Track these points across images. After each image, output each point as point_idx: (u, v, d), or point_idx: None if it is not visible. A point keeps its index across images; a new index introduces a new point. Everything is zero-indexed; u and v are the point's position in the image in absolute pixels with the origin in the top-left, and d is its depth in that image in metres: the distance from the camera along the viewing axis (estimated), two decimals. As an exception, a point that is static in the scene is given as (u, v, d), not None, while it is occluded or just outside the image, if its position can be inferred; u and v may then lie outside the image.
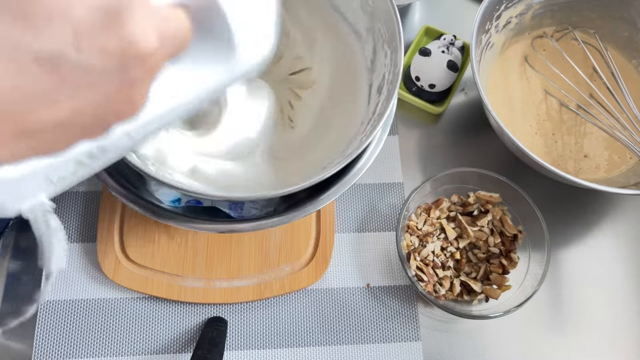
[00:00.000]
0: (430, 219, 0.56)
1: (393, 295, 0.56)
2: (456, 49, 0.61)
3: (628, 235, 0.59)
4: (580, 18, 0.62)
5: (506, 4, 0.58)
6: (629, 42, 0.62)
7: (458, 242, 0.56)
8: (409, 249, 0.54)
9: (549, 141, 0.60)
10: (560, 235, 0.59)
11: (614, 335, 0.56)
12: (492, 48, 0.61)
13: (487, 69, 0.61)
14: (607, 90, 0.59)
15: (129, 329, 0.54)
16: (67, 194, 0.59)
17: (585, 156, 0.59)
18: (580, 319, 0.56)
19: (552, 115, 0.61)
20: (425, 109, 0.63)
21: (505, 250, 0.55)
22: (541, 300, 0.56)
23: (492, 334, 0.55)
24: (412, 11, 0.69)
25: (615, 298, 0.57)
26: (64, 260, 0.27)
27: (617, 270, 0.58)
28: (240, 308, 0.55)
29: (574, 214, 0.60)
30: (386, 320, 0.55)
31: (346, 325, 0.55)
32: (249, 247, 0.56)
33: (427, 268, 0.54)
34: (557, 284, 0.57)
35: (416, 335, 0.54)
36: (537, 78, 0.62)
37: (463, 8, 0.70)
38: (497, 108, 0.60)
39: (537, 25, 0.63)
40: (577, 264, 0.58)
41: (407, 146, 0.62)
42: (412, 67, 0.61)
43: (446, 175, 0.55)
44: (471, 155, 0.62)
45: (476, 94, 0.64)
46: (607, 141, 0.60)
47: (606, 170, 0.58)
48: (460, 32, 0.63)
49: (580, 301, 0.57)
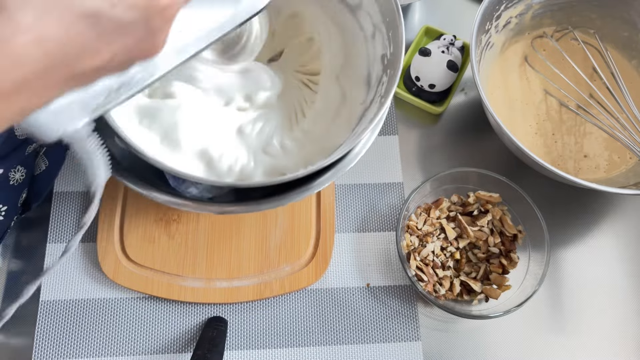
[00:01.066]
0: (430, 218, 0.56)
1: (393, 295, 0.56)
2: (456, 49, 0.61)
3: (628, 235, 0.59)
4: (580, 18, 0.62)
5: (506, 4, 0.58)
6: (628, 42, 0.62)
7: (458, 242, 0.56)
8: (409, 249, 0.54)
9: (548, 141, 0.60)
10: (560, 235, 0.59)
11: (614, 335, 0.56)
12: (492, 48, 0.61)
13: (487, 69, 0.61)
14: (607, 90, 0.59)
15: (129, 329, 0.54)
16: (66, 194, 0.59)
17: (585, 156, 0.59)
18: (580, 318, 0.56)
19: (552, 115, 0.61)
20: (425, 109, 0.63)
21: (505, 250, 0.55)
22: (541, 300, 0.56)
23: (492, 333, 0.55)
24: (412, 11, 0.69)
25: (615, 298, 0.57)
26: (109, 172, 0.34)
27: (617, 270, 0.58)
28: (240, 308, 0.55)
29: (574, 214, 0.60)
30: (386, 320, 0.55)
31: (346, 325, 0.55)
32: (249, 247, 0.56)
33: (427, 268, 0.54)
34: (556, 283, 0.57)
35: (416, 335, 0.54)
36: (537, 78, 0.62)
37: (463, 8, 0.70)
38: (497, 108, 0.60)
39: (537, 25, 0.63)
40: (576, 263, 0.58)
41: (407, 146, 0.62)
42: (412, 67, 0.61)
43: (446, 175, 0.55)
44: (471, 155, 0.62)
45: (476, 94, 0.64)
46: (607, 141, 0.60)
47: (606, 170, 0.58)
48: (460, 32, 0.63)
49: (580, 301, 0.57)
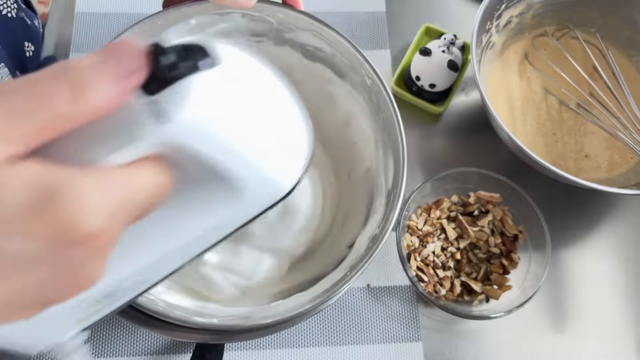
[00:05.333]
0: (431, 219, 0.56)
1: (393, 296, 0.56)
2: (456, 48, 0.61)
3: (628, 236, 0.59)
4: (581, 17, 0.62)
5: (507, 3, 0.58)
6: (629, 41, 0.61)
7: (458, 243, 0.55)
8: (409, 249, 0.54)
9: (549, 141, 0.60)
10: (560, 236, 0.59)
11: (615, 336, 0.55)
12: (493, 48, 0.61)
13: (487, 69, 0.61)
14: (607, 89, 0.59)
15: (129, 329, 0.54)
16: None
17: (586, 156, 0.59)
18: (581, 319, 0.56)
19: (553, 114, 0.61)
20: (425, 108, 0.62)
21: (505, 251, 0.55)
22: (542, 300, 0.56)
23: (492, 334, 0.55)
24: (412, 10, 0.69)
25: (616, 298, 0.57)
26: None
27: (618, 270, 0.58)
28: (240, 308, 0.55)
29: (575, 214, 0.60)
30: (386, 320, 0.55)
31: (346, 326, 0.55)
32: (248, 247, 0.56)
33: (428, 268, 0.54)
34: (557, 284, 0.57)
35: (416, 336, 0.54)
36: (538, 78, 0.62)
37: (463, 7, 0.70)
38: (498, 108, 0.60)
39: (537, 25, 0.63)
40: (577, 264, 0.58)
41: (407, 146, 0.62)
42: (412, 67, 0.61)
43: (446, 175, 0.55)
44: (472, 155, 0.62)
45: (476, 93, 0.64)
46: (607, 141, 0.59)
47: (607, 170, 0.58)
48: (461, 32, 0.63)
49: (581, 301, 0.56)
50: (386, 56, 0.66)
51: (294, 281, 0.49)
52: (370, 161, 0.50)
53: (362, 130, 0.51)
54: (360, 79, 0.48)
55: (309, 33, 0.49)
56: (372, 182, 0.49)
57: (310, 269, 0.49)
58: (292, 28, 0.49)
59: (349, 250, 0.47)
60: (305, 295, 0.43)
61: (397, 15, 0.68)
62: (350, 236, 0.49)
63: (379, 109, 0.48)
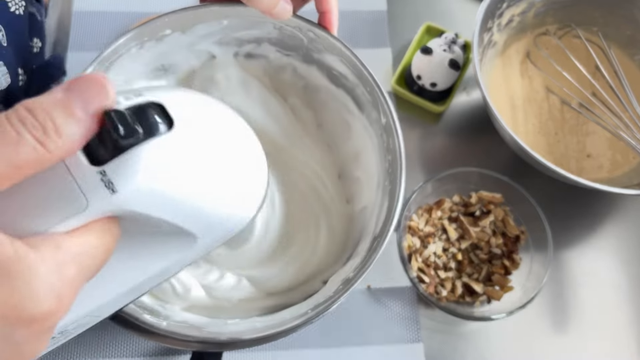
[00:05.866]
0: (432, 219, 0.55)
1: (394, 297, 0.55)
2: (458, 47, 0.61)
3: (631, 236, 0.59)
4: (583, 16, 0.62)
5: (508, 2, 0.58)
6: (632, 40, 0.61)
7: (460, 243, 0.55)
8: (410, 250, 0.54)
9: (551, 140, 0.59)
10: (562, 236, 0.58)
11: (617, 337, 0.55)
12: (494, 46, 0.60)
13: (489, 68, 0.61)
14: (609, 88, 0.59)
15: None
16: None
17: (588, 156, 0.59)
18: (583, 320, 0.55)
19: (555, 114, 0.60)
20: (426, 108, 0.62)
21: (507, 251, 0.55)
22: (544, 301, 0.56)
23: (494, 335, 0.54)
24: (413, 9, 0.69)
25: (618, 299, 0.57)
26: None
27: (620, 271, 0.58)
28: (240, 309, 0.55)
29: (577, 214, 0.60)
30: (387, 322, 0.54)
31: (347, 328, 0.54)
32: (248, 248, 0.56)
33: (429, 269, 0.53)
34: (559, 284, 0.57)
35: (417, 337, 0.54)
36: (540, 77, 0.62)
37: (465, 6, 0.69)
38: (499, 107, 0.60)
39: (539, 24, 0.63)
40: (579, 264, 0.58)
41: (407, 146, 0.61)
42: (413, 66, 0.61)
43: (448, 175, 0.55)
44: (473, 155, 0.61)
45: (478, 92, 0.63)
46: (610, 141, 0.59)
47: (609, 170, 0.58)
48: (462, 31, 0.63)
49: (583, 302, 0.56)
50: (387, 55, 0.65)
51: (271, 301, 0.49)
52: (368, 201, 0.49)
53: (368, 167, 0.50)
54: (376, 115, 0.47)
55: (336, 58, 0.48)
56: (363, 223, 0.49)
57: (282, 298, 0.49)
58: (321, 49, 0.48)
59: (322, 285, 0.47)
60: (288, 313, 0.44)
61: (398, 14, 0.68)
62: (326, 273, 0.48)
63: (388, 150, 0.47)
